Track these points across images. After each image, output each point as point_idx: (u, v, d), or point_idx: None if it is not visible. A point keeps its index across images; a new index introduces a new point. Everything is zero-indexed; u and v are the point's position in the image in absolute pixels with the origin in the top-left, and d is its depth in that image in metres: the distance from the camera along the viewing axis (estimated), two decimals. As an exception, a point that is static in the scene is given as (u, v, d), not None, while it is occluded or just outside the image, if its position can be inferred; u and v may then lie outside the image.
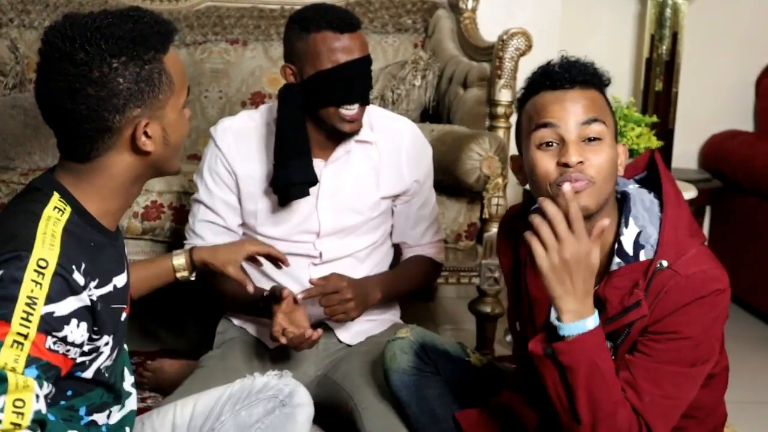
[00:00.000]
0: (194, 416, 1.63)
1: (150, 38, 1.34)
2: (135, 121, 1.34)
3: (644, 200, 1.58)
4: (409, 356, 1.82)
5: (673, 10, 3.38)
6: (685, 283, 1.51)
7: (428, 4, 3.26)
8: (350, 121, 2.00)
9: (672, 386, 1.53)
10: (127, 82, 1.32)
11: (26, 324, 1.24)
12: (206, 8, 3.21)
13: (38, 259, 1.26)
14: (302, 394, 1.65)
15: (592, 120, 1.52)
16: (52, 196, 1.35)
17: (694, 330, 1.52)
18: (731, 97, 3.68)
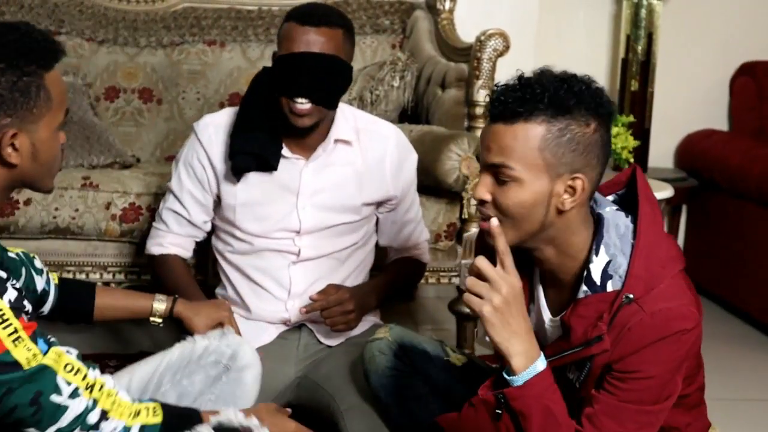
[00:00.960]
0: (131, 390, 1.57)
1: (34, 52, 1.34)
2: (3, 129, 1.33)
3: (619, 225, 1.51)
4: (388, 357, 1.82)
5: (648, 11, 3.41)
6: (649, 320, 1.46)
7: (406, 5, 3.27)
8: (298, 115, 1.97)
9: (633, 423, 1.50)
10: (1, 89, 1.31)
11: (8, 324, 1.29)
12: (183, 9, 3.20)
13: None
14: (247, 353, 1.59)
15: (494, 165, 1.46)
16: None
17: (657, 369, 1.48)
18: (706, 97, 3.72)
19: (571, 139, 1.44)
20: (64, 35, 3.10)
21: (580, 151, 1.45)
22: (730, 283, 3.29)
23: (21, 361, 1.28)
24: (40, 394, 1.29)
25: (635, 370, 1.48)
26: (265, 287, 2.10)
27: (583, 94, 1.46)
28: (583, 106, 1.45)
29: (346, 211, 2.10)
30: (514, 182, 1.45)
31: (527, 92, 1.44)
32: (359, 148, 2.11)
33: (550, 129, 1.44)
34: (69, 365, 1.33)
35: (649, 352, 1.47)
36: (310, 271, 2.10)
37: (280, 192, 2.08)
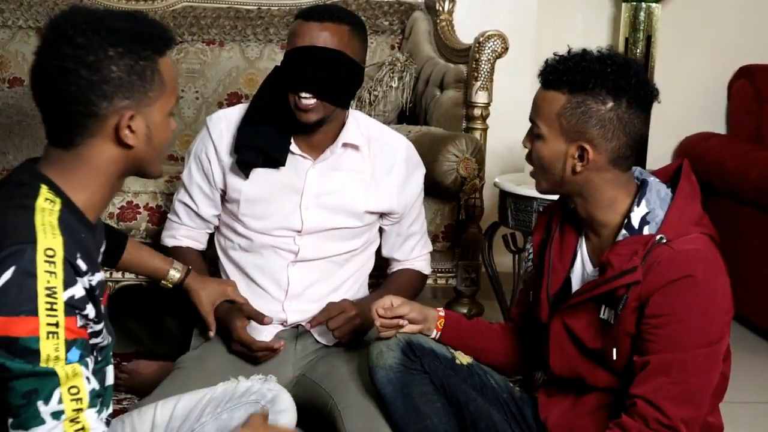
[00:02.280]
0: (174, 417, 1.63)
1: (149, 38, 1.39)
2: (121, 111, 1.37)
3: (660, 191, 1.72)
4: (396, 353, 1.84)
5: (647, 14, 3.42)
6: (676, 256, 1.62)
7: (405, 6, 3.27)
8: (302, 110, 1.98)
9: (678, 371, 1.62)
10: (120, 71, 1.35)
11: (53, 314, 1.27)
12: (182, 8, 3.20)
13: (45, 249, 1.28)
14: (285, 400, 1.65)
15: (531, 121, 1.74)
16: (40, 189, 1.36)
17: (686, 311, 1.61)
18: (704, 100, 3.72)
19: (585, 112, 1.66)
20: (62, 33, 3.10)
21: (593, 124, 1.66)
22: (728, 286, 3.30)
23: (42, 354, 1.26)
24: (35, 392, 1.28)
25: (666, 314, 1.62)
26: (263, 287, 2.11)
27: (607, 75, 1.66)
28: (604, 87, 1.66)
29: (348, 215, 2.10)
30: (539, 138, 1.72)
31: (560, 66, 1.69)
32: (369, 157, 2.11)
33: (569, 100, 1.67)
34: (75, 388, 1.30)
35: (674, 292, 1.61)
36: (308, 272, 2.10)
37: (285, 190, 2.08)
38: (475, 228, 2.69)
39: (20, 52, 3.07)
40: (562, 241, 1.81)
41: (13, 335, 1.25)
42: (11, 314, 1.25)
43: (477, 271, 2.70)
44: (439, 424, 1.80)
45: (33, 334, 1.26)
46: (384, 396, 1.84)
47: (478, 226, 2.71)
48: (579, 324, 1.75)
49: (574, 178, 1.70)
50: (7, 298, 1.25)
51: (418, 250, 2.25)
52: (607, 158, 1.68)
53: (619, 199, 1.71)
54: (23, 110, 2.73)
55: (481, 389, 1.86)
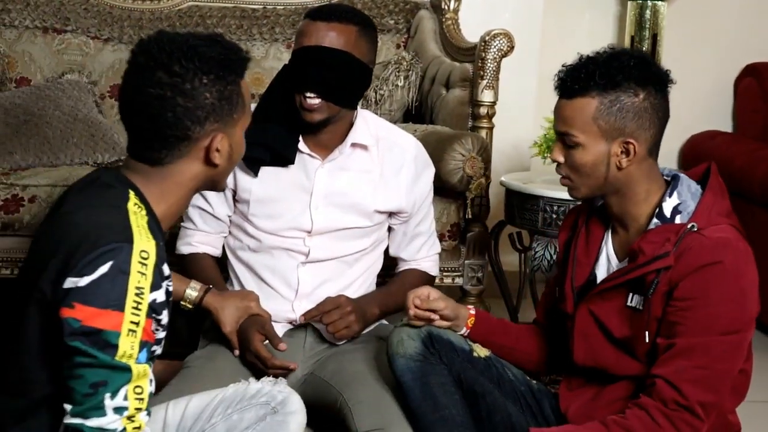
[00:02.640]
0: (185, 417, 1.65)
1: (234, 63, 1.49)
2: (212, 134, 1.48)
3: (690, 186, 1.76)
4: (416, 343, 1.86)
5: (653, 12, 3.41)
6: (708, 243, 1.66)
7: (410, 5, 3.27)
8: (307, 110, 1.99)
9: (702, 355, 1.64)
10: (212, 98, 1.46)
11: (137, 312, 1.34)
12: (188, 8, 3.20)
13: (141, 251, 1.36)
14: (295, 402, 1.67)
15: (562, 133, 1.75)
16: (129, 194, 1.44)
17: (715, 295, 1.64)
18: (710, 98, 3.71)
19: (621, 108, 1.69)
20: (69, 33, 3.11)
21: (630, 118, 1.70)
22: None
23: (119, 350, 1.32)
24: (103, 384, 1.32)
25: (694, 297, 1.65)
26: (272, 286, 2.11)
27: (631, 68, 1.70)
28: (632, 79, 1.69)
29: (358, 215, 2.11)
30: (578, 147, 1.72)
31: (582, 71, 1.71)
32: (377, 156, 2.11)
33: (602, 101, 1.70)
34: (140, 388, 1.36)
35: (703, 277, 1.64)
36: (318, 272, 2.10)
37: (295, 190, 2.08)
38: (481, 227, 2.69)
39: (27, 52, 3.07)
40: (588, 237, 1.84)
41: (98, 327, 1.32)
42: (100, 306, 1.32)
43: (483, 270, 2.70)
44: (456, 414, 1.82)
45: (116, 329, 1.32)
46: (403, 384, 1.86)
47: (485, 225, 2.71)
48: (605, 312, 1.77)
49: (617, 175, 1.72)
50: (99, 291, 1.32)
51: (425, 251, 2.24)
52: (646, 148, 1.72)
53: (653, 190, 1.75)
54: (30, 110, 2.73)
55: (498, 382, 1.88)
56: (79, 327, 1.31)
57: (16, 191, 2.52)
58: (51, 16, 3.10)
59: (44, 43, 3.09)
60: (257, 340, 1.98)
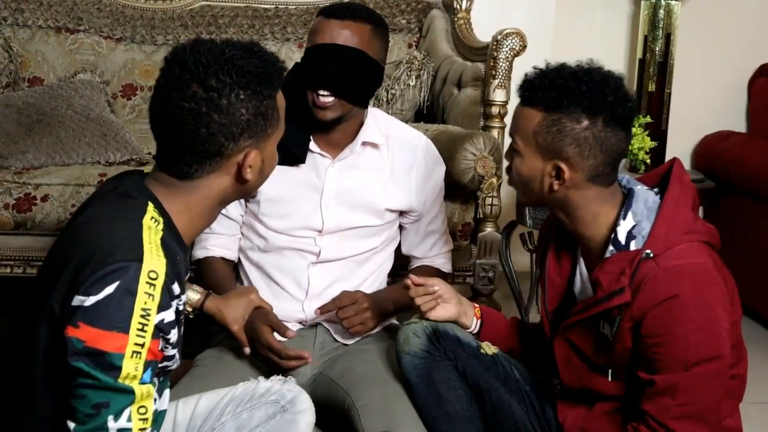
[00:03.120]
0: (195, 415, 1.65)
1: (271, 76, 1.44)
2: (245, 150, 1.43)
3: (647, 200, 1.68)
4: (422, 340, 1.87)
5: (666, 11, 3.40)
6: (662, 275, 1.59)
7: (422, 4, 3.26)
8: (320, 107, 1.99)
9: (683, 393, 1.60)
10: (249, 114, 1.42)
11: (142, 335, 1.31)
12: (200, 7, 3.21)
13: (149, 271, 1.32)
14: (304, 401, 1.67)
15: (511, 136, 1.73)
16: (147, 206, 1.40)
17: (682, 328, 1.58)
18: (724, 98, 3.69)
19: (560, 131, 1.64)
20: (82, 33, 3.12)
21: (568, 143, 1.64)
22: (747, 285, 3.26)
23: (123, 371, 1.30)
24: (106, 406, 1.31)
25: (661, 333, 1.60)
26: (283, 286, 2.11)
27: (582, 93, 1.61)
28: (579, 106, 1.62)
29: (369, 214, 2.10)
30: (518, 154, 1.70)
31: (537, 82, 1.66)
32: (388, 155, 2.11)
33: (545, 118, 1.65)
34: (144, 408, 1.33)
35: (664, 313, 1.59)
36: (329, 272, 2.10)
37: (305, 190, 2.08)
38: (493, 227, 2.69)
39: (40, 51, 3.08)
40: (559, 254, 1.80)
41: (102, 348, 1.29)
42: (105, 328, 1.29)
43: (494, 270, 2.70)
44: (460, 410, 1.83)
45: (119, 351, 1.30)
46: (409, 381, 1.88)
47: (496, 225, 2.70)
48: (581, 340, 1.76)
49: (553, 196, 1.68)
50: (105, 312, 1.29)
51: (438, 248, 2.24)
52: (584, 176, 1.65)
53: (603, 213, 1.69)
54: (43, 109, 2.74)
55: (504, 379, 1.88)
56: (83, 348, 1.29)
57: (29, 190, 2.53)
58: (64, 16, 3.11)
59: (57, 42, 3.10)
60: (266, 332, 1.94)
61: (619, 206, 1.69)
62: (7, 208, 2.51)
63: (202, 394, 1.69)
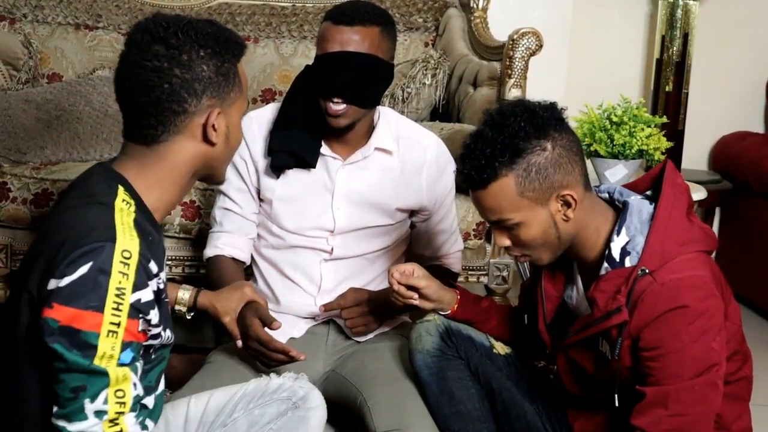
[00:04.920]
0: (207, 411, 1.65)
1: (230, 42, 1.47)
2: (208, 110, 1.45)
3: (642, 212, 1.65)
4: (434, 338, 1.87)
5: (684, 11, 3.38)
6: (659, 290, 1.58)
7: (439, 3, 3.26)
8: (332, 116, 1.98)
9: (675, 403, 1.59)
10: (209, 72, 1.44)
11: (117, 314, 1.32)
12: (218, 5, 3.23)
13: (123, 250, 1.33)
14: (316, 398, 1.67)
15: (496, 222, 1.65)
16: (117, 190, 1.41)
17: (678, 342, 1.57)
18: (742, 99, 3.67)
19: (539, 170, 1.60)
20: (101, 30, 3.14)
21: (552, 173, 1.60)
22: (763, 286, 3.25)
23: (99, 350, 1.31)
24: (83, 389, 1.32)
25: (658, 346, 1.58)
26: (295, 281, 2.12)
27: (523, 127, 1.58)
28: (531, 137, 1.59)
29: (380, 214, 2.11)
30: (519, 226, 1.63)
31: (481, 157, 1.60)
32: (398, 155, 2.11)
33: (517, 174, 1.60)
34: (121, 392, 1.34)
35: (663, 325, 1.57)
36: (341, 269, 2.11)
37: (317, 190, 2.09)
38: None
39: (59, 48, 3.11)
40: (552, 266, 1.77)
41: (77, 327, 1.30)
42: (79, 307, 1.30)
43: (508, 269, 2.70)
44: (472, 409, 1.83)
45: (94, 330, 1.31)
46: (421, 379, 1.88)
47: (510, 224, 2.70)
48: (582, 357, 1.75)
49: (567, 228, 1.64)
50: (79, 291, 1.30)
51: (447, 248, 2.24)
52: (581, 187, 1.64)
53: (602, 226, 1.67)
54: (61, 105, 2.77)
55: (516, 380, 1.88)
56: (58, 327, 1.30)
57: (47, 186, 2.55)
58: (83, 13, 3.14)
59: (76, 39, 3.12)
60: (255, 324, 1.91)
61: (613, 221, 1.67)
62: (25, 203, 2.54)
63: (214, 391, 1.69)
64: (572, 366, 1.77)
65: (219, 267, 2.12)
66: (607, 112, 2.77)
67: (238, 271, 2.14)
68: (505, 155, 1.59)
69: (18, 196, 2.54)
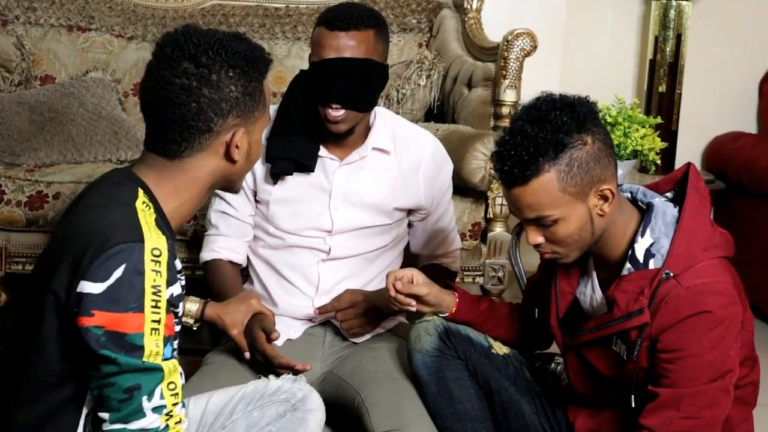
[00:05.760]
0: (206, 413, 1.66)
1: (258, 61, 1.48)
2: (233, 129, 1.46)
3: (666, 214, 1.65)
4: (433, 338, 1.86)
5: (677, 12, 3.39)
6: (684, 294, 1.58)
7: (433, 4, 3.27)
8: (332, 122, 1.98)
9: (689, 406, 1.59)
10: (237, 92, 1.45)
11: (157, 311, 1.33)
12: (211, 6, 3.22)
13: (152, 248, 1.34)
14: (314, 400, 1.67)
15: (533, 219, 1.61)
16: (138, 192, 1.42)
17: (698, 347, 1.57)
18: (735, 99, 3.68)
19: (580, 165, 1.58)
20: (93, 31, 3.13)
21: (592, 167, 1.59)
22: (758, 287, 3.26)
23: (146, 350, 1.32)
24: (137, 388, 1.32)
25: (678, 349, 1.58)
26: (293, 282, 2.11)
27: (565, 121, 1.56)
28: (573, 131, 1.57)
29: (378, 213, 2.11)
30: (557, 223, 1.61)
31: (523, 153, 1.57)
32: (395, 154, 2.11)
33: (559, 170, 1.57)
34: (173, 384, 1.36)
35: (685, 329, 1.57)
36: (339, 269, 2.11)
37: (314, 191, 2.09)
38: (503, 226, 2.69)
39: (52, 50, 3.10)
40: (569, 265, 1.76)
41: (122, 330, 1.31)
42: (120, 311, 1.31)
43: (504, 269, 2.70)
44: (471, 409, 1.83)
45: (139, 331, 1.32)
46: (420, 379, 1.88)
47: (506, 225, 2.70)
48: (593, 356, 1.75)
49: (601, 224, 1.62)
50: (117, 295, 1.31)
51: (445, 247, 2.24)
52: (616, 180, 1.64)
53: (628, 223, 1.66)
54: (55, 107, 2.76)
55: (514, 380, 1.88)
56: (104, 333, 1.31)
57: (41, 188, 2.54)
58: (75, 15, 3.13)
59: (69, 41, 3.11)
60: (261, 338, 1.92)
61: (638, 221, 1.66)
62: (20, 205, 2.53)
63: (212, 392, 1.69)
64: (583, 364, 1.77)
65: (218, 271, 2.12)
66: (602, 112, 2.77)
67: (237, 275, 2.14)
68: (549, 150, 1.56)
69: (12, 198, 2.53)
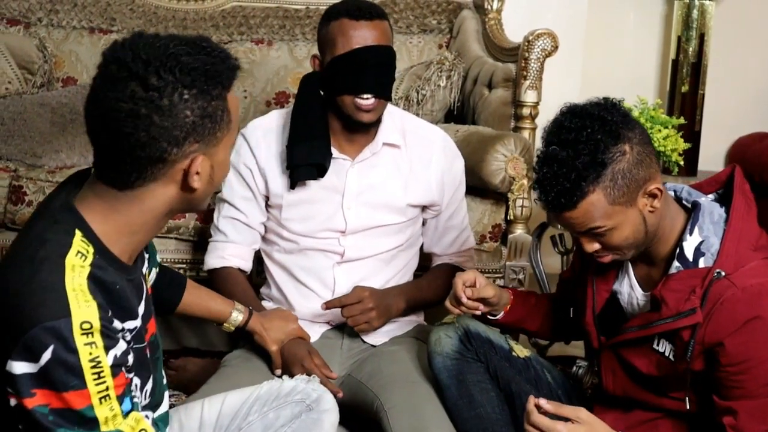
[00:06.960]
0: (222, 414, 1.65)
1: (221, 74, 1.29)
2: (191, 156, 1.29)
3: (713, 213, 1.63)
4: (453, 341, 1.86)
5: (700, 12, 3.36)
6: (741, 295, 1.55)
7: (453, 5, 3.26)
8: (366, 110, 1.98)
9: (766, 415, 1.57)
10: (194, 116, 1.27)
11: (101, 381, 1.25)
12: (232, 8, 3.23)
13: (81, 323, 1.23)
14: (329, 400, 1.66)
15: (585, 231, 1.60)
16: (74, 236, 1.27)
17: (764, 353, 1.55)
18: (758, 99, 3.65)
19: (624, 175, 1.55)
20: (115, 33, 3.15)
21: (636, 173, 1.56)
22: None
23: (100, 419, 1.25)
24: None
25: (745, 359, 1.56)
26: (309, 286, 2.11)
27: (600, 138, 1.53)
28: (609, 145, 1.54)
29: (391, 211, 2.10)
30: (612, 231, 1.59)
31: (564, 180, 1.54)
32: (406, 151, 2.11)
33: (605, 187, 1.55)
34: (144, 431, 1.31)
35: (748, 337, 1.54)
36: (355, 271, 2.10)
37: (326, 192, 2.08)
38: (523, 228, 2.67)
39: (74, 52, 3.12)
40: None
41: (69, 407, 1.24)
42: (62, 390, 1.23)
43: (525, 271, 2.68)
44: (491, 412, 1.82)
45: (87, 404, 1.24)
46: (440, 381, 1.87)
47: (527, 227, 2.69)
48: (632, 354, 1.72)
49: (653, 219, 1.60)
50: (53, 376, 1.22)
51: (458, 246, 2.23)
52: (660, 175, 1.62)
53: (675, 220, 1.64)
54: (76, 109, 2.77)
55: (535, 383, 1.87)
56: (50, 411, 1.23)
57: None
58: (97, 17, 3.14)
59: (90, 43, 3.13)
60: (315, 355, 1.98)
61: (684, 218, 1.64)
62: (41, 207, 2.54)
63: (227, 393, 1.69)
64: (621, 363, 1.74)
65: (231, 279, 2.11)
66: (624, 113, 2.75)
67: (247, 284, 2.14)
68: (591, 173, 1.53)
69: (33, 199, 2.54)
